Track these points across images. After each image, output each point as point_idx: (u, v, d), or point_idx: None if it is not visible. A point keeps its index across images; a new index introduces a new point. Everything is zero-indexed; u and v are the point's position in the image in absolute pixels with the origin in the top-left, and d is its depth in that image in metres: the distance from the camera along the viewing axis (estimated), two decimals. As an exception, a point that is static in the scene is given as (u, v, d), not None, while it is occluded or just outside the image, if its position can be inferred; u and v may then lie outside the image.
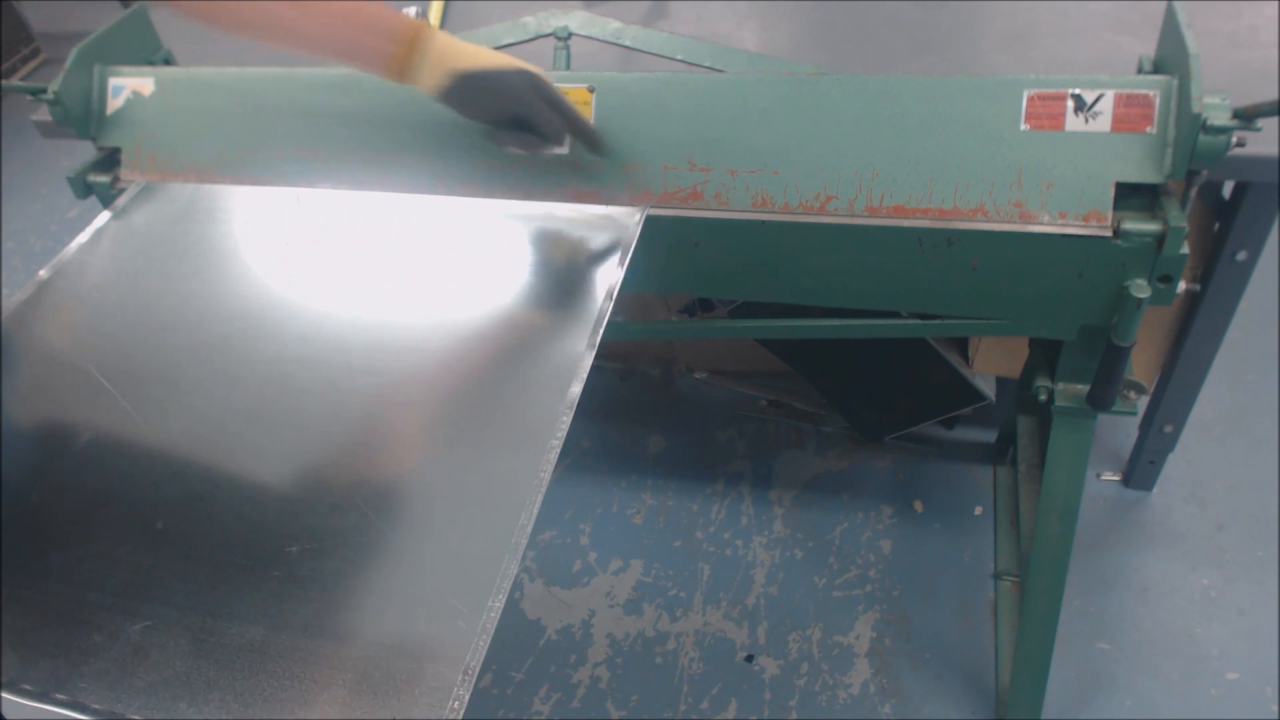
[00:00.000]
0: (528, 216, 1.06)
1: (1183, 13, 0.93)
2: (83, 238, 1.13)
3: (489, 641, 0.66)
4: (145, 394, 0.93)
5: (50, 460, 0.88)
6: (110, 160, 1.23)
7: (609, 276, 0.95)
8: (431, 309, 0.97)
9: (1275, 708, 1.33)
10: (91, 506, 0.83)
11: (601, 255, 0.99)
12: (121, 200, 1.18)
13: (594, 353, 0.86)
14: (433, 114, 1.08)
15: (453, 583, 0.72)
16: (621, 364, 2.03)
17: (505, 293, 0.97)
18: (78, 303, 1.05)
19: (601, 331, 0.88)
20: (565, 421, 0.80)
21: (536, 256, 1.02)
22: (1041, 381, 1.11)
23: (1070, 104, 0.93)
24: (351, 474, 0.83)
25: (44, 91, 1.17)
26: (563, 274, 0.98)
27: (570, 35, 1.19)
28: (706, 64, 1.15)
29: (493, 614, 0.68)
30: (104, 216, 1.16)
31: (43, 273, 1.08)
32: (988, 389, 1.63)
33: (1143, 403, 1.56)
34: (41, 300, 1.05)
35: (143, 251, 1.11)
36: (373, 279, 1.03)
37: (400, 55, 0.91)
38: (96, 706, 0.68)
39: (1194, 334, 1.39)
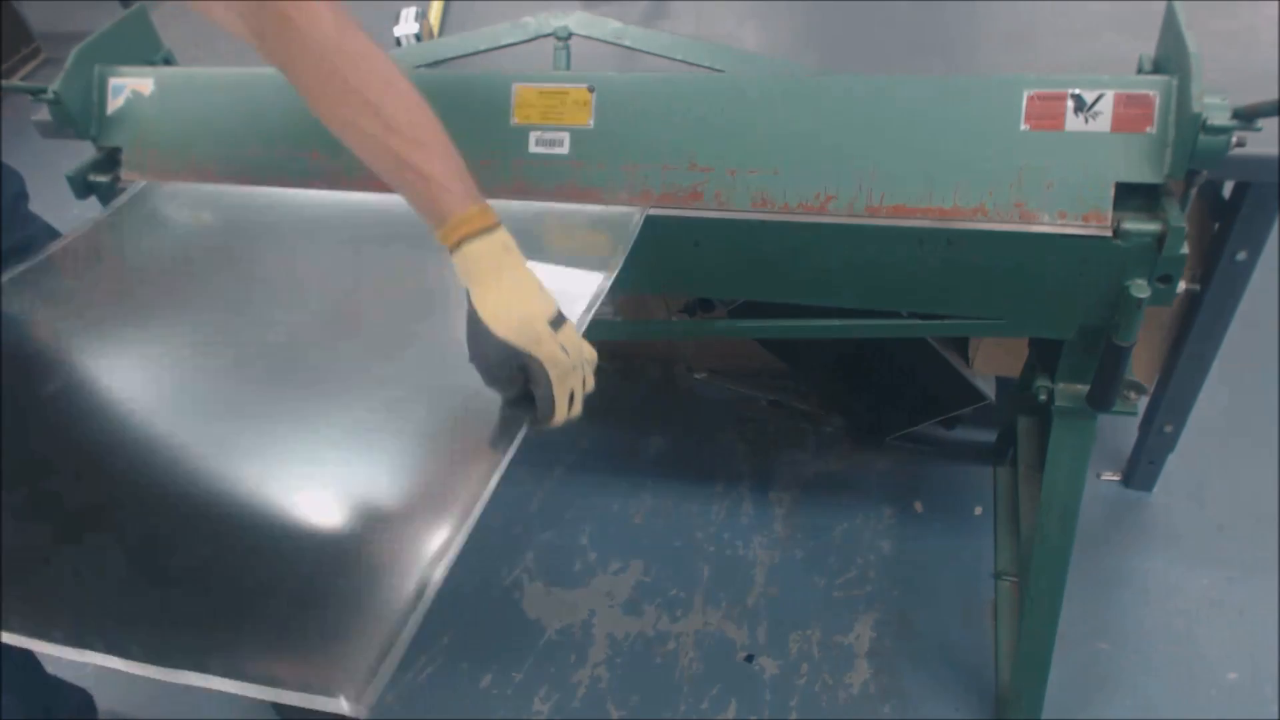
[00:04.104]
0: (529, 216, 1.06)
1: (1183, 13, 0.93)
2: (81, 229, 1.13)
3: (424, 609, 0.65)
4: (133, 383, 0.93)
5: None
6: (110, 160, 1.23)
7: (606, 277, 0.94)
8: (427, 307, 0.97)
9: (1275, 708, 1.33)
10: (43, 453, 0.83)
11: (601, 255, 0.98)
12: (121, 200, 1.18)
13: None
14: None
15: (396, 544, 0.71)
16: (621, 364, 2.03)
17: None
18: (72, 296, 1.05)
19: (586, 327, 0.88)
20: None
21: (536, 256, 1.01)
22: (1041, 381, 1.11)
23: (1070, 104, 0.93)
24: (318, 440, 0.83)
25: (44, 91, 1.17)
26: (561, 273, 0.98)
27: (570, 35, 1.18)
28: (706, 64, 1.15)
29: (433, 581, 0.67)
30: (103, 214, 1.16)
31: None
32: (988, 389, 1.63)
33: (1143, 403, 1.55)
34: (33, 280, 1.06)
35: (141, 250, 1.11)
36: (371, 278, 1.03)
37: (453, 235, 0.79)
38: (17, 623, 0.67)
39: (1194, 334, 1.39)
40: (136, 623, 0.68)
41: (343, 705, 0.58)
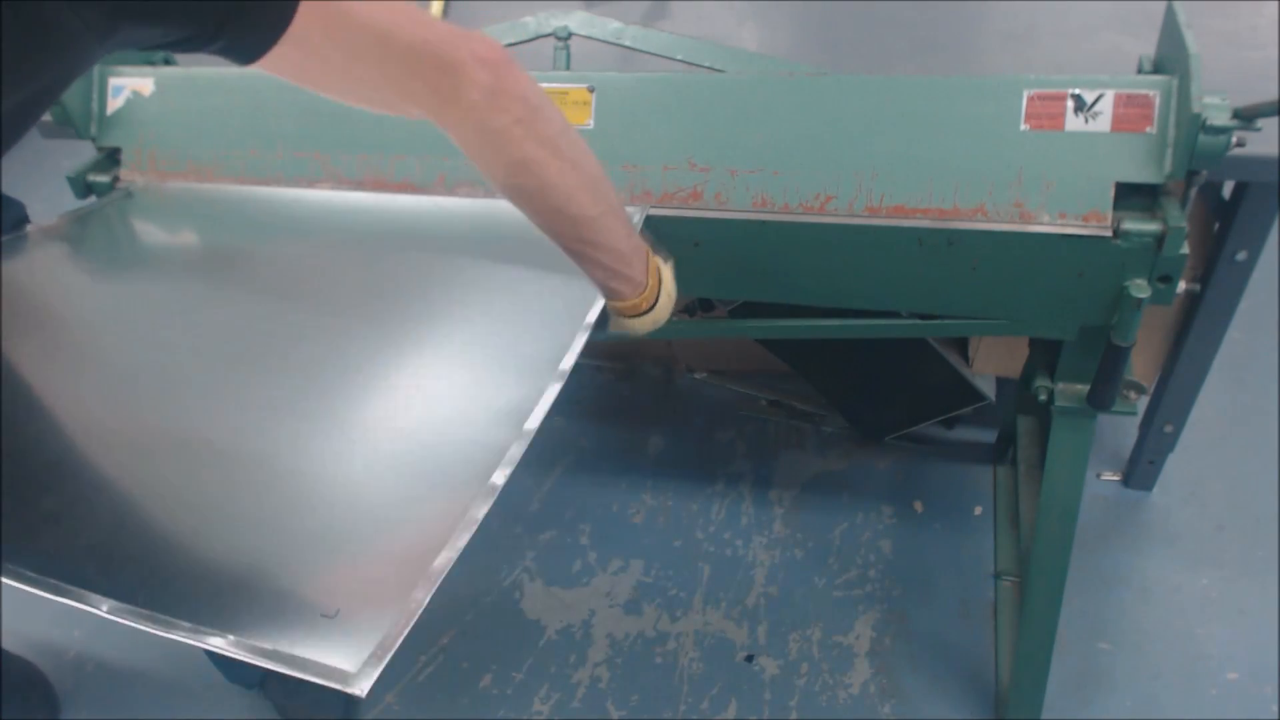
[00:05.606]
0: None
1: (1183, 13, 0.93)
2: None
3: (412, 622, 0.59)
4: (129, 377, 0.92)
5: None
6: (110, 160, 1.23)
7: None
8: (421, 308, 0.97)
9: (1275, 708, 1.33)
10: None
11: None
12: (114, 196, 1.18)
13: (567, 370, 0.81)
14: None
15: (413, 517, 0.69)
16: (621, 364, 2.03)
17: (496, 293, 0.96)
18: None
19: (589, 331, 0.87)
20: (518, 450, 0.73)
21: (538, 259, 1.01)
22: (1041, 381, 1.11)
23: (1070, 104, 0.93)
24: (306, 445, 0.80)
25: (44, 91, 1.17)
26: (565, 279, 0.97)
27: (570, 35, 1.19)
28: (706, 64, 1.15)
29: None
30: (93, 206, 1.16)
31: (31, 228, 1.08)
32: (988, 389, 1.63)
33: (1143, 403, 1.55)
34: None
35: (137, 250, 1.11)
36: (366, 278, 1.02)
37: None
38: None
39: (1194, 334, 1.39)
40: (124, 571, 0.63)
41: (345, 680, 0.55)
